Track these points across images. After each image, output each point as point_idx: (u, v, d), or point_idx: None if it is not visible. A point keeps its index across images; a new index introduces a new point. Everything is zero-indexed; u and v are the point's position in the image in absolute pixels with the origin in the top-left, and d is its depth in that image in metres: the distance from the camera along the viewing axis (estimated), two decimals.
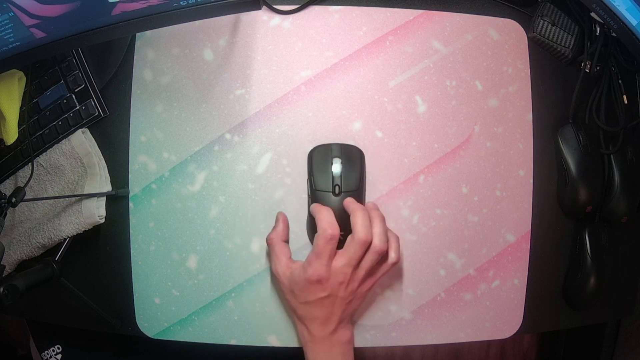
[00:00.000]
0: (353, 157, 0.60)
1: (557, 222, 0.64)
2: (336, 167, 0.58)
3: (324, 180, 0.58)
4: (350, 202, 0.57)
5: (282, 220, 0.60)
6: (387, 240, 0.55)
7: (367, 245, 0.54)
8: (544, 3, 0.64)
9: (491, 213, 0.62)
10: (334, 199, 0.57)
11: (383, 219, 0.56)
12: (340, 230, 0.54)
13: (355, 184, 0.58)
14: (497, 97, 0.63)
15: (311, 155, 0.60)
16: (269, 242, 0.59)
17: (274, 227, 0.60)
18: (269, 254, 0.59)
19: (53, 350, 0.72)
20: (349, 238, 0.55)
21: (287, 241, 0.60)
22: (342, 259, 0.54)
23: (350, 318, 0.59)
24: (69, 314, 0.63)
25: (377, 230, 0.55)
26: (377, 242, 0.54)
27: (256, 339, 0.61)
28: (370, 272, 0.56)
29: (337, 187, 0.57)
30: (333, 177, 0.58)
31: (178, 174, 0.62)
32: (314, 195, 0.58)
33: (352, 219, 0.55)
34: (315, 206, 0.57)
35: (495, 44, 0.64)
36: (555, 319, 0.64)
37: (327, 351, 0.56)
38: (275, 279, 0.59)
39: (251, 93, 0.63)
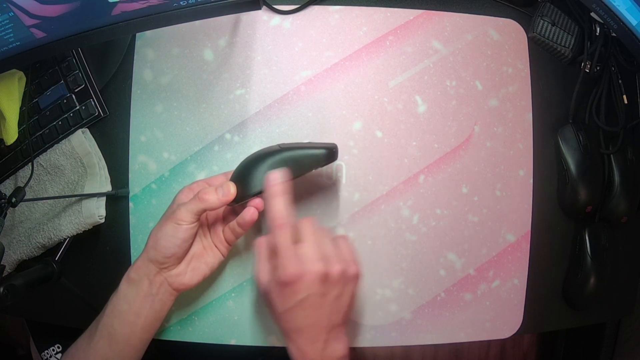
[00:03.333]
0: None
1: (557, 222, 0.64)
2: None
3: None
4: (270, 193, 0.52)
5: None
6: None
7: (308, 221, 0.52)
8: (544, 3, 0.64)
9: (491, 213, 0.62)
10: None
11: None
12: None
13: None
14: (497, 97, 0.63)
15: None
16: (257, 244, 0.53)
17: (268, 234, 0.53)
18: (256, 258, 0.53)
19: (53, 350, 0.72)
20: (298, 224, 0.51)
21: None
22: (303, 247, 0.49)
23: (344, 325, 0.52)
24: (69, 314, 0.63)
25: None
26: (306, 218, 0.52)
27: (256, 339, 0.61)
28: (338, 254, 0.51)
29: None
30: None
31: (178, 174, 0.62)
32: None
33: (268, 207, 0.51)
34: (270, 190, 0.51)
35: (495, 44, 0.64)
36: (555, 319, 0.64)
37: None
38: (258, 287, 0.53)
39: (251, 93, 0.63)
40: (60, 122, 0.63)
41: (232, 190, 0.52)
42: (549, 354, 1.13)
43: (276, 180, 0.51)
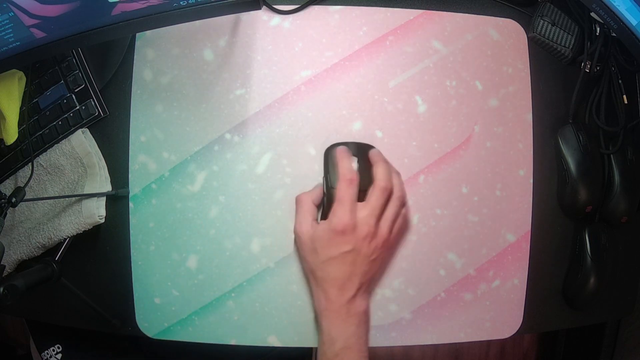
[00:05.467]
0: (368, 156, 0.59)
1: (557, 222, 0.64)
2: (352, 166, 0.58)
3: None
4: (375, 154, 0.59)
5: (320, 189, 0.59)
6: (404, 190, 0.58)
7: (388, 194, 0.56)
8: (544, 3, 0.64)
9: (491, 213, 0.62)
10: None
11: (400, 174, 0.59)
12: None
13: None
14: (497, 97, 0.63)
15: (327, 154, 0.60)
16: (298, 198, 0.58)
17: (310, 190, 0.59)
18: (296, 212, 0.59)
19: (53, 350, 0.72)
20: (370, 189, 0.56)
21: (317, 207, 0.59)
22: (365, 208, 0.54)
23: (370, 285, 0.58)
24: (69, 314, 0.63)
25: (396, 181, 0.57)
26: (397, 191, 0.57)
27: (256, 339, 0.61)
28: (393, 226, 0.56)
29: None
30: None
31: (178, 174, 0.62)
32: (330, 193, 0.57)
33: (374, 169, 0.57)
34: (338, 152, 0.58)
35: (495, 44, 0.64)
36: (555, 319, 0.64)
37: (343, 320, 0.54)
38: (297, 239, 0.58)
39: (251, 93, 0.63)
40: (60, 122, 0.63)
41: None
42: (549, 354, 1.13)
43: (341, 149, 0.58)
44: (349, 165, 0.56)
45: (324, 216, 0.57)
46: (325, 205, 0.58)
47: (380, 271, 0.59)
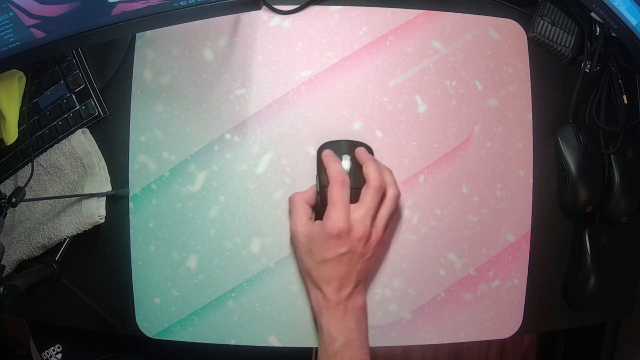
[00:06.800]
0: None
1: (557, 222, 0.64)
2: (345, 164, 0.58)
3: None
4: (361, 153, 0.58)
5: (313, 190, 0.59)
6: (398, 188, 0.57)
7: (382, 192, 0.56)
8: (544, 3, 0.64)
9: (491, 213, 0.62)
10: None
11: (391, 171, 0.59)
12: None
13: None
14: (497, 97, 0.63)
15: (321, 152, 0.60)
16: (291, 199, 0.59)
17: (303, 191, 0.59)
18: (290, 213, 0.59)
19: (53, 350, 0.72)
20: (363, 189, 0.56)
21: (311, 207, 0.59)
22: (360, 209, 0.55)
23: (366, 281, 0.58)
24: (69, 314, 0.63)
25: (389, 179, 0.57)
26: (391, 190, 0.56)
27: (256, 339, 0.61)
28: (387, 224, 0.56)
29: None
30: None
31: (178, 174, 0.62)
32: (323, 191, 0.57)
33: (364, 169, 0.57)
34: (325, 156, 0.58)
35: (495, 44, 0.64)
36: (555, 319, 0.64)
37: (341, 317, 0.55)
38: (293, 239, 0.59)
39: (251, 93, 0.63)
40: (60, 122, 0.63)
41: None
42: (549, 354, 1.13)
43: (327, 153, 0.59)
44: (338, 168, 0.56)
45: (319, 215, 0.57)
46: (319, 203, 0.58)
47: (376, 267, 0.60)
